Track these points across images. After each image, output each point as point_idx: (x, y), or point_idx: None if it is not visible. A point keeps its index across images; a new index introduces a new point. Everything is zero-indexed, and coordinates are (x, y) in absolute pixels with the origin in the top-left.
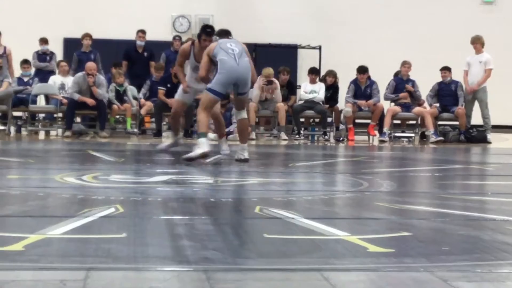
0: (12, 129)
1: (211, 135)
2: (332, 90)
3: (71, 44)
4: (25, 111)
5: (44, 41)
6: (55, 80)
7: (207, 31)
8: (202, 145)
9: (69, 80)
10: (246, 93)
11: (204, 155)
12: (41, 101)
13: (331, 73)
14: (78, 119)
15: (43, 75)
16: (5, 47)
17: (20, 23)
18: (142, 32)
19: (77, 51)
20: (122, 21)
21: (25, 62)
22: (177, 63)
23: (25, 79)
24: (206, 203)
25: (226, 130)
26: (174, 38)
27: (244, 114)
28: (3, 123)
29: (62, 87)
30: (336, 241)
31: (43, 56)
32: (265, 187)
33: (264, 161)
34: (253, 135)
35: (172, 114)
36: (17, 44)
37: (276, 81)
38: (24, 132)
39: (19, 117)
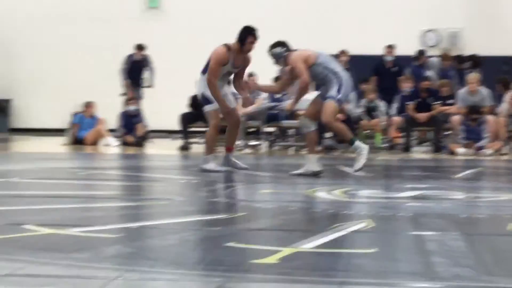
0: (265, 145)
1: (461, 150)
2: None
3: None
4: (277, 127)
5: None
6: None
7: (253, 33)
8: (364, 151)
9: None
10: None
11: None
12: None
13: None
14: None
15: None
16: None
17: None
18: (390, 47)
19: None
20: (370, 36)
21: None
22: (212, 74)
23: (276, 96)
24: (457, 219)
25: (478, 145)
26: (419, 52)
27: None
28: (256, 138)
29: None
30: None
31: None
32: None
33: None
34: (505, 150)
35: (213, 128)
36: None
37: None
38: (276, 147)
39: (271, 133)
